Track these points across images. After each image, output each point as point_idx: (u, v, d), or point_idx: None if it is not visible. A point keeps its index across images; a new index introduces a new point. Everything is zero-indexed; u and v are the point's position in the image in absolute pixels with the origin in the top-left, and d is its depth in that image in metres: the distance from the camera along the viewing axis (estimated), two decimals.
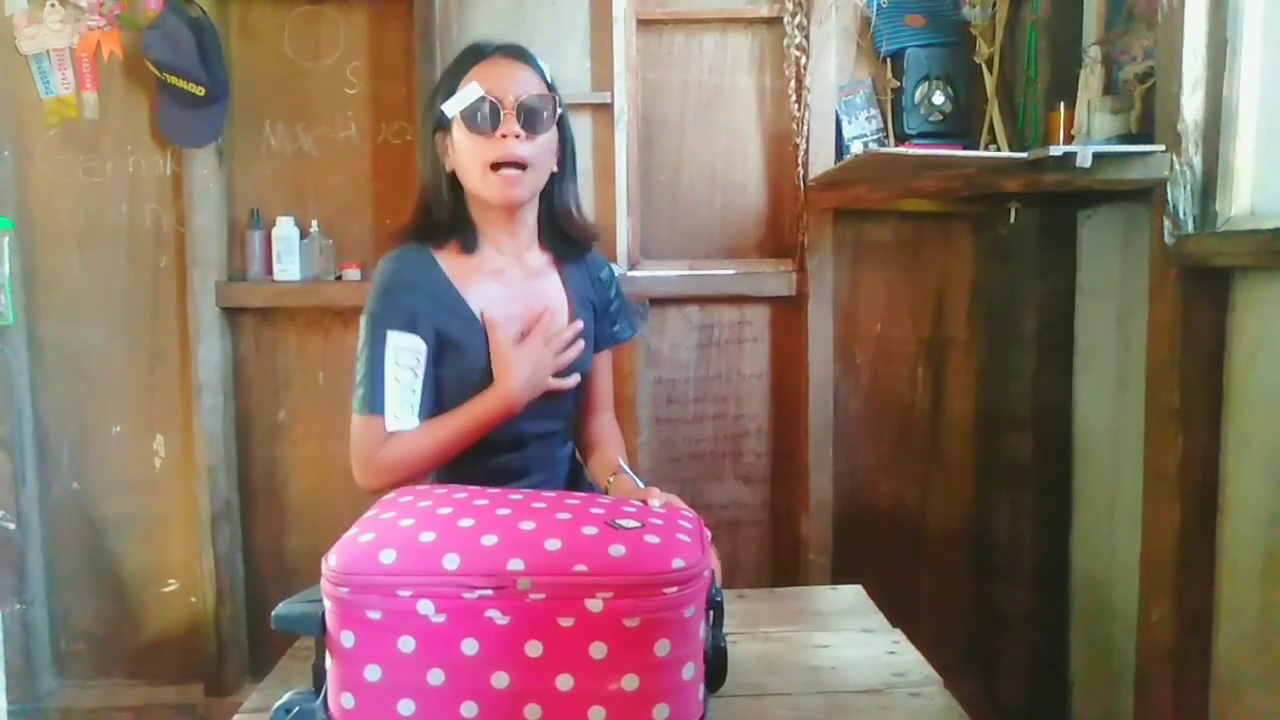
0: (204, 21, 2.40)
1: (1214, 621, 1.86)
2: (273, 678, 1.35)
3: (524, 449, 1.56)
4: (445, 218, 1.50)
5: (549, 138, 1.48)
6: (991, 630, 2.63)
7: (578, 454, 1.69)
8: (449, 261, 1.51)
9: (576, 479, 1.73)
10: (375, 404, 1.40)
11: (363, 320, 1.45)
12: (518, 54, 1.47)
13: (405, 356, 1.40)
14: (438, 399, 1.47)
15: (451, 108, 1.43)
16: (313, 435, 2.61)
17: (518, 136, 1.42)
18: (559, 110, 1.49)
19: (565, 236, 1.58)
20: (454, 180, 1.50)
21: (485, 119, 1.41)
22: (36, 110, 2.52)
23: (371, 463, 1.41)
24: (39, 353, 2.59)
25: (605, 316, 1.66)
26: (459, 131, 1.44)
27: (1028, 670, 2.47)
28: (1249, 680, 1.77)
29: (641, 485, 1.33)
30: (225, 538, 2.58)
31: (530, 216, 1.55)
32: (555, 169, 1.53)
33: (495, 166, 1.43)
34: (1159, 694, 1.92)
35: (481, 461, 1.51)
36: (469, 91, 1.41)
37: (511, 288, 1.53)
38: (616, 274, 1.71)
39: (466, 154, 1.44)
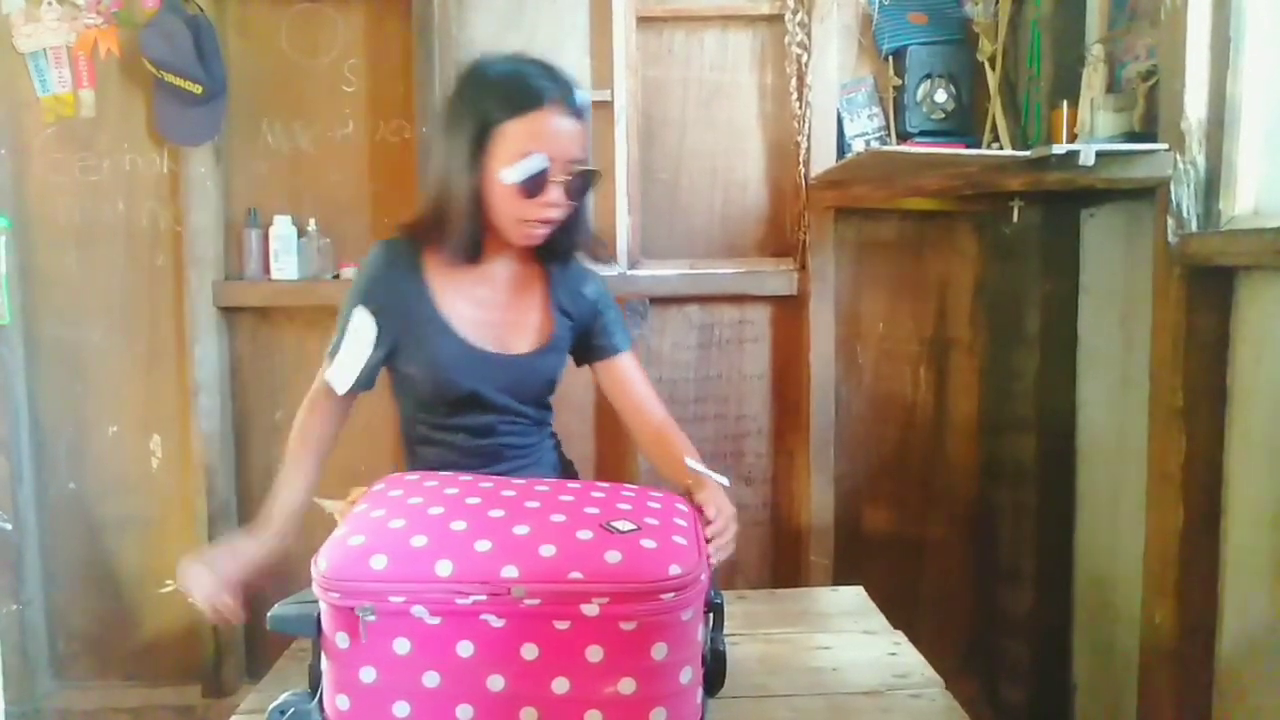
0: (201, 19, 2.39)
1: (1218, 623, 1.85)
2: (270, 679, 1.37)
3: (494, 435, 1.59)
4: (463, 233, 1.47)
5: None
6: (994, 632, 2.62)
7: (643, 457, 1.67)
8: (435, 263, 1.53)
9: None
10: (330, 355, 1.53)
11: (349, 289, 1.55)
12: (577, 111, 1.42)
13: (362, 333, 1.49)
14: (414, 393, 1.57)
15: (510, 176, 1.39)
16: None
17: (556, 206, 1.43)
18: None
19: (557, 246, 1.57)
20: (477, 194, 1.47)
21: (534, 186, 1.41)
22: (33, 108, 2.51)
23: (309, 396, 1.56)
24: (36, 352, 2.58)
25: (597, 330, 1.64)
26: (502, 182, 1.42)
27: (1030, 672, 2.46)
28: (1252, 682, 1.76)
29: (716, 478, 1.37)
30: (222, 538, 2.55)
31: None
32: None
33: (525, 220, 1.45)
34: (1162, 696, 1.91)
35: (453, 445, 1.58)
36: (532, 164, 1.38)
37: (490, 295, 1.56)
38: (619, 270, 1.70)
39: (502, 199, 1.43)
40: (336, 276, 2.53)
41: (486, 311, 1.55)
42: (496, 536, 1.01)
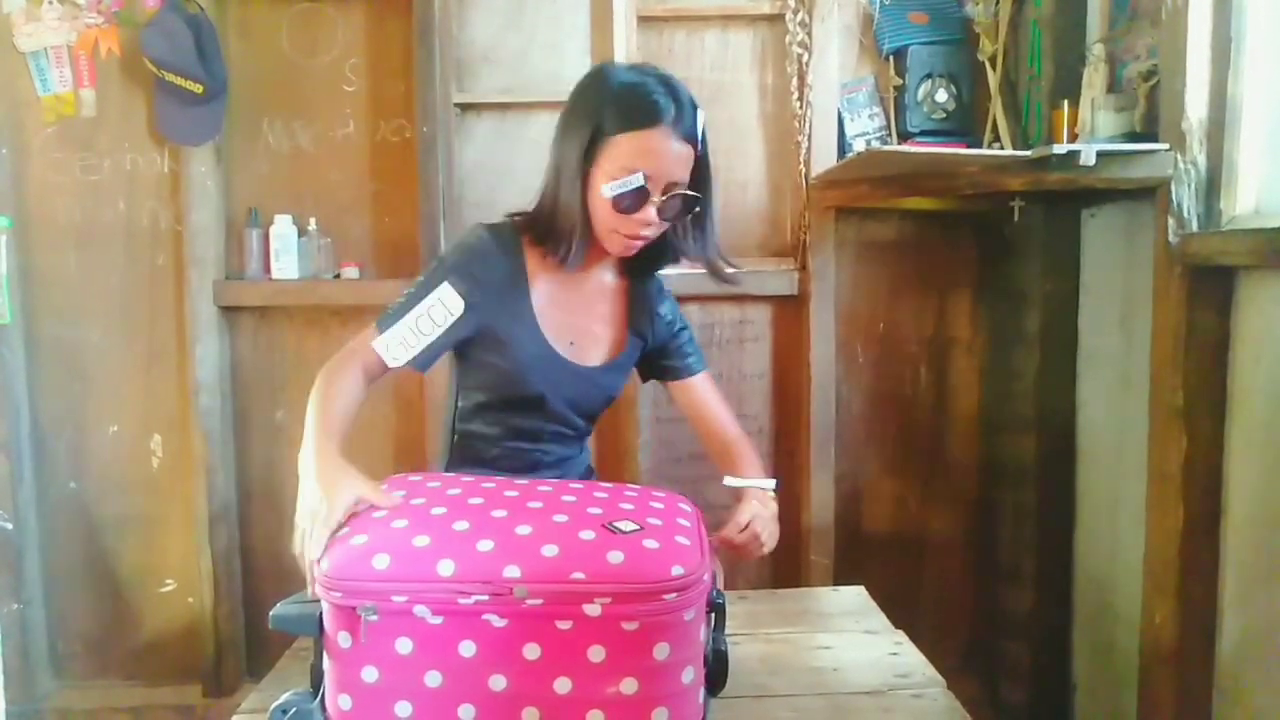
0: (202, 19, 2.39)
1: (1218, 623, 1.84)
2: (271, 678, 1.35)
3: (541, 441, 1.59)
4: (570, 237, 1.45)
5: None
6: (994, 631, 2.61)
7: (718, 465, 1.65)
8: (534, 258, 1.51)
9: None
10: (385, 325, 1.42)
11: (435, 261, 1.50)
12: (689, 134, 1.40)
13: (439, 310, 1.42)
14: (479, 383, 1.55)
15: (609, 190, 1.39)
16: None
17: (650, 225, 1.42)
18: (706, 170, 1.47)
19: (649, 256, 1.55)
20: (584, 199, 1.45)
21: (629, 204, 1.39)
22: (34, 108, 2.50)
23: (334, 358, 1.41)
24: (36, 352, 2.58)
25: (672, 350, 1.66)
26: (601, 194, 1.41)
27: (1030, 672, 2.45)
28: (1252, 682, 1.76)
29: (760, 485, 1.46)
30: (223, 538, 2.57)
31: None
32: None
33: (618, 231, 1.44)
34: (1162, 696, 1.91)
35: (497, 441, 1.58)
36: (631, 180, 1.37)
37: (577, 301, 1.55)
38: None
39: (600, 208, 1.42)
40: (337, 276, 2.53)
41: (571, 317, 1.54)
42: (499, 536, 1.00)
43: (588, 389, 1.57)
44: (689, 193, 1.43)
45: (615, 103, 1.39)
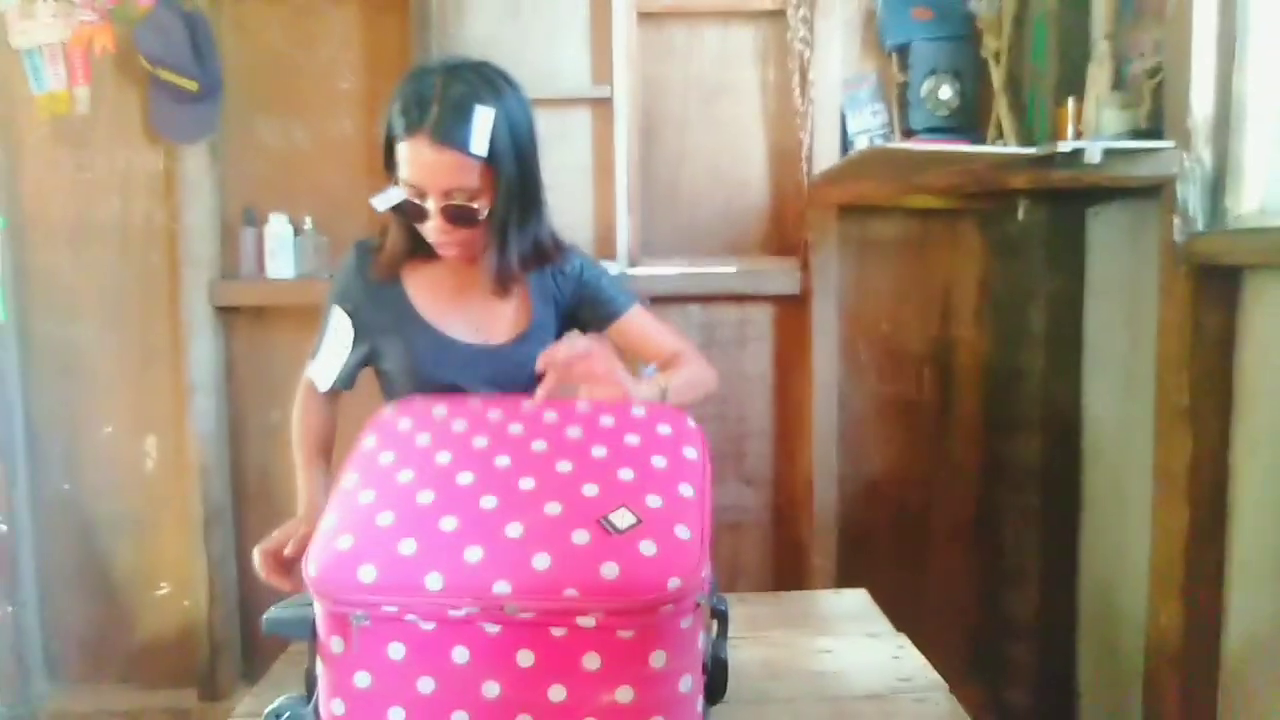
0: (197, 15, 2.38)
1: (1223, 625, 1.83)
2: (266, 682, 1.37)
3: None
4: (391, 242, 1.50)
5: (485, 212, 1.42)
6: (998, 635, 2.60)
7: None
8: (410, 260, 1.53)
9: None
10: (313, 352, 1.56)
11: (330, 287, 1.59)
12: (444, 138, 1.32)
13: (340, 333, 1.53)
14: (397, 394, 1.54)
15: (379, 204, 1.39)
16: None
17: (445, 232, 1.40)
18: (500, 176, 1.39)
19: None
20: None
21: (411, 214, 1.39)
22: (28, 106, 2.50)
23: (300, 386, 1.60)
24: (30, 351, 2.57)
25: (591, 301, 1.60)
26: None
27: (1035, 675, 2.44)
28: (1258, 684, 1.74)
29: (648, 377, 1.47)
30: (218, 540, 2.56)
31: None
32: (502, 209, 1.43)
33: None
34: (1167, 699, 1.90)
35: None
36: (391, 194, 1.37)
37: (464, 282, 1.52)
38: (618, 269, 1.68)
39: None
40: (333, 276, 2.51)
41: (463, 302, 1.53)
42: (488, 541, 0.98)
43: (503, 366, 1.53)
44: (459, 203, 1.36)
45: (393, 108, 1.37)
